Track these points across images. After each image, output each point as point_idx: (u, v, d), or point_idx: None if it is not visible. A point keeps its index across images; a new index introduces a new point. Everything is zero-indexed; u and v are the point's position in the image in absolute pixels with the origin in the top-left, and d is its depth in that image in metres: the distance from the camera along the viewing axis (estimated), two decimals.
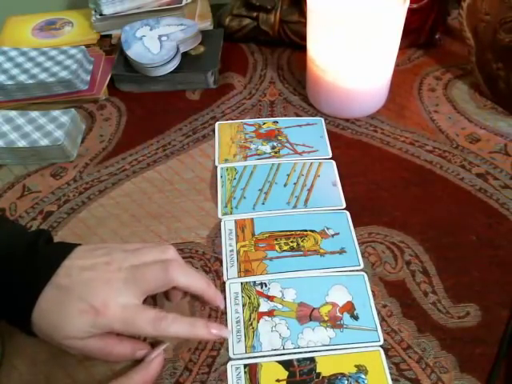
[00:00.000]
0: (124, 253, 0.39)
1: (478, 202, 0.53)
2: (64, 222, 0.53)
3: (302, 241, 0.50)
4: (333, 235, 0.50)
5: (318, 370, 0.41)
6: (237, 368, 0.41)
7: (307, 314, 0.45)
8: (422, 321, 0.44)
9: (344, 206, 0.53)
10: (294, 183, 0.56)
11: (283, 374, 0.41)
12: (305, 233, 0.51)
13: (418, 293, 0.46)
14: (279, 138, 0.61)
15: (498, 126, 0.62)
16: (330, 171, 0.57)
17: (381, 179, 0.56)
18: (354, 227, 0.51)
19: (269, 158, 0.59)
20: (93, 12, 0.75)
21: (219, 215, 0.53)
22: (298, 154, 0.59)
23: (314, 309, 0.45)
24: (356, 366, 0.41)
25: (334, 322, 0.44)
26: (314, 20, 0.57)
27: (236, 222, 0.52)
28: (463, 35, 0.63)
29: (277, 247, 0.50)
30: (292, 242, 0.50)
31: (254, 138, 0.61)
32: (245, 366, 0.41)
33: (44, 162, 0.58)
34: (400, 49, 0.60)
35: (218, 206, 0.54)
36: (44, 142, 0.56)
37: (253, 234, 0.51)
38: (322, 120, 0.63)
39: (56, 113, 0.60)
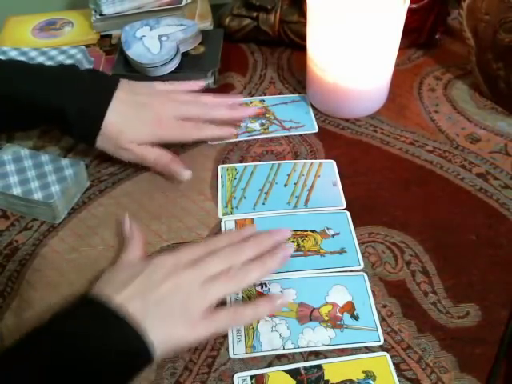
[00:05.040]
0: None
1: (478, 202, 0.53)
2: (64, 221, 0.53)
3: (303, 241, 0.50)
4: (333, 235, 0.51)
5: (325, 378, 0.40)
6: (243, 380, 0.41)
7: (307, 314, 0.45)
8: (422, 321, 0.44)
9: (344, 206, 0.53)
10: (295, 183, 0.56)
11: (291, 383, 0.40)
12: (305, 233, 0.51)
13: (418, 293, 0.46)
14: (267, 115, 0.64)
15: (497, 125, 0.62)
16: (331, 171, 0.57)
17: (381, 179, 0.56)
18: (354, 227, 0.51)
19: (259, 134, 0.61)
20: (93, 12, 0.74)
21: (219, 215, 0.53)
22: (286, 130, 0.62)
23: (314, 309, 0.45)
24: (364, 372, 0.41)
25: (334, 322, 0.44)
26: (314, 20, 0.57)
27: (236, 222, 0.52)
28: (463, 35, 0.63)
29: None
30: (292, 242, 0.50)
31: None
32: (251, 377, 0.41)
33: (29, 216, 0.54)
34: (400, 49, 0.60)
35: (219, 205, 0.54)
36: (38, 195, 0.51)
37: None
38: (306, 96, 0.66)
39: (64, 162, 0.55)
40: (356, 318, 0.44)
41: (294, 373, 0.41)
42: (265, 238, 0.45)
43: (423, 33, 0.71)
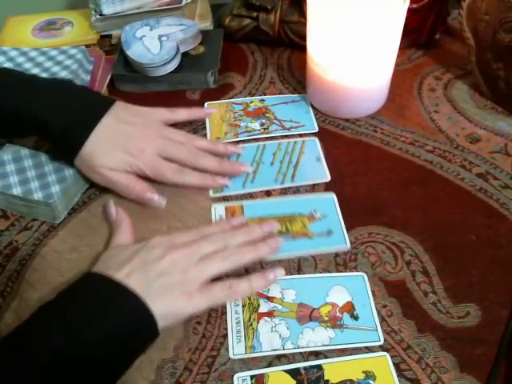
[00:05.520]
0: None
1: (478, 202, 0.53)
2: (64, 221, 0.53)
3: (291, 225, 0.51)
4: (320, 218, 0.52)
5: (325, 378, 0.41)
6: (243, 380, 0.41)
7: (307, 315, 0.45)
8: (422, 321, 0.44)
9: (329, 178, 0.55)
10: (280, 161, 0.58)
11: (291, 383, 0.40)
12: (293, 217, 0.52)
13: (418, 293, 0.46)
14: (267, 115, 0.64)
15: (497, 126, 0.62)
16: (314, 148, 0.59)
17: (381, 179, 0.56)
18: (354, 227, 0.51)
19: (259, 134, 0.61)
20: (93, 12, 0.74)
21: (210, 194, 0.54)
22: (287, 130, 0.62)
23: (313, 309, 0.45)
24: (364, 372, 0.41)
25: (334, 322, 0.44)
26: (314, 20, 0.57)
27: (226, 208, 0.53)
28: (463, 35, 0.63)
29: None
30: (281, 225, 0.51)
31: (243, 116, 0.64)
32: (251, 377, 0.41)
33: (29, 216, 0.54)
34: (400, 49, 0.60)
35: None
36: (38, 195, 0.51)
37: None
38: (306, 96, 0.66)
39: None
40: (356, 318, 0.44)
41: (294, 373, 0.41)
42: (255, 228, 0.48)
43: (423, 33, 0.71)
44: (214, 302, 0.43)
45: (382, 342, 0.43)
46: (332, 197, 0.54)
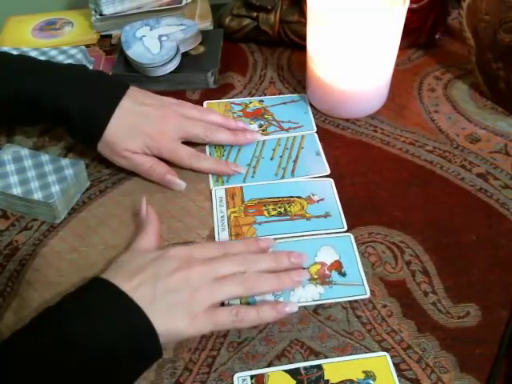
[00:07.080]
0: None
1: (478, 202, 0.53)
2: (64, 221, 0.53)
3: (289, 206, 0.53)
4: (318, 201, 0.53)
5: (325, 378, 0.41)
6: (243, 380, 0.41)
7: None
8: (422, 321, 0.44)
9: (328, 172, 0.56)
10: (280, 156, 0.58)
11: (291, 383, 0.40)
12: (291, 199, 0.53)
13: (418, 293, 0.46)
14: (266, 116, 0.64)
15: (497, 125, 0.62)
16: (313, 142, 0.60)
17: (381, 179, 0.56)
18: (354, 227, 0.51)
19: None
20: (93, 12, 0.74)
21: (211, 187, 0.55)
22: (285, 131, 0.62)
23: (303, 268, 0.46)
24: (364, 372, 0.41)
25: (323, 279, 0.46)
26: (314, 20, 0.57)
27: (226, 190, 0.54)
28: (463, 35, 0.63)
29: (265, 212, 0.52)
30: (280, 207, 0.52)
31: (242, 117, 0.64)
32: (251, 377, 0.41)
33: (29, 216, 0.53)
34: (400, 49, 0.60)
35: (210, 180, 0.56)
36: (38, 195, 0.51)
37: (242, 201, 0.53)
38: (306, 96, 0.66)
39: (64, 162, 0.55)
40: (343, 274, 0.46)
41: (293, 373, 0.41)
42: (282, 257, 0.45)
43: (423, 33, 0.71)
44: (218, 327, 0.41)
45: (368, 295, 0.45)
46: (329, 181, 0.55)
